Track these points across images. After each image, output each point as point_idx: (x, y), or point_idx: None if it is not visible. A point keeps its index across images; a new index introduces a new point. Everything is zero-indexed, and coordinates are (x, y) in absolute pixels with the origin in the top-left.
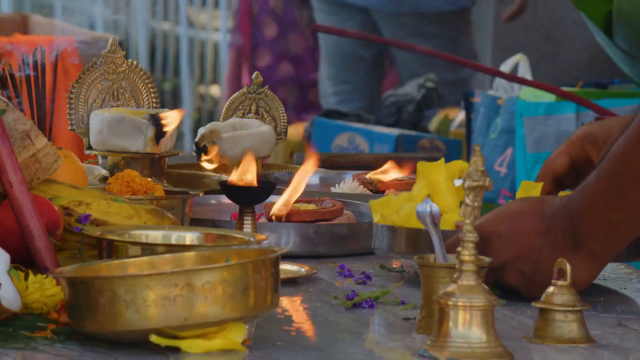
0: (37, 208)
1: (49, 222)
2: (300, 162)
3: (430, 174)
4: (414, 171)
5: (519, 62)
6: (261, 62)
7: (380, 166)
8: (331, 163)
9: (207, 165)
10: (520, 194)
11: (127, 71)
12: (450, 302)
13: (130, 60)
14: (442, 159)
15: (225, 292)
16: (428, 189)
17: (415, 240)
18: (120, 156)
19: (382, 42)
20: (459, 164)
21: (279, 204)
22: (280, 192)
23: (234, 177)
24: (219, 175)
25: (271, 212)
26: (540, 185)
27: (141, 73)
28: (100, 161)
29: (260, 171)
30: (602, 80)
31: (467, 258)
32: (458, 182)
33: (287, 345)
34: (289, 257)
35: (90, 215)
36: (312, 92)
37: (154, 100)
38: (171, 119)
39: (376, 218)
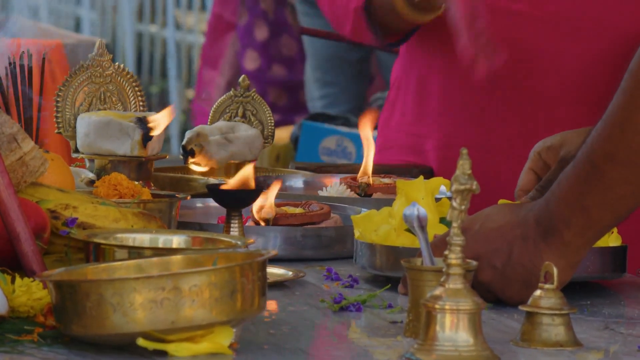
0: (24, 211)
1: (35, 225)
2: (293, 167)
3: (409, 191)
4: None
5: None
6: (252, 64)
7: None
8: (321, 172)
9: (195, 168)
10: None
11: (114, 74)
12: (437, 306)
13: (117, 63)
14: (421, 177)
15: (212, 296)
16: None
17: (394, 257)
18: (107, 159)
19: (368, 44)
20: (438, 181)
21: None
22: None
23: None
24: (206, 178)
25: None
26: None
27: (128, 76)
28: (87, 164)
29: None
30: None
31: (454, 261)
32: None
33: (274, 349)
34: (276, 260)
35: (77, 218)
36: (303, 95)
37: (141, 103)
38: (160, 119)
39: (357, 234)
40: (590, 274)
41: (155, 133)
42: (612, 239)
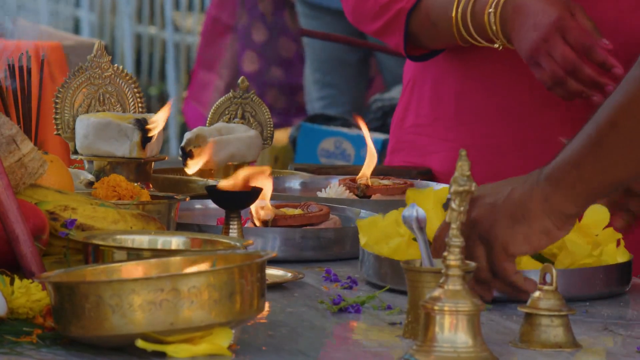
0: (22, 213)
1: (34, 226)
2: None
3: (418, 200)
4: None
5: None
6: (250, 66)
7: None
8: (320, 173)
9: (190, 170)
10: None
11: (113, 76)
12: (436, 307)
13: (116, 65)
14: (431, 187)
15: (211, 297)
16: None
17: (402, 273)
18: (106, 161)
19: (368, 46)
20: (447, 190)
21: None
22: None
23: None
24: (205, 180)
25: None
26: None
27: (127, 78)
28: (86, 166)
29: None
30: None
31: (453, 263)
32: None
33: (273, 350)
34: (275, 261)
35: (76, 220)
36: (301, 96)
37: (140, 105)
38: (159, 118)
39: (362, 241)
40: (599, 291)
41: (153, 133)
42: (619, 253)
